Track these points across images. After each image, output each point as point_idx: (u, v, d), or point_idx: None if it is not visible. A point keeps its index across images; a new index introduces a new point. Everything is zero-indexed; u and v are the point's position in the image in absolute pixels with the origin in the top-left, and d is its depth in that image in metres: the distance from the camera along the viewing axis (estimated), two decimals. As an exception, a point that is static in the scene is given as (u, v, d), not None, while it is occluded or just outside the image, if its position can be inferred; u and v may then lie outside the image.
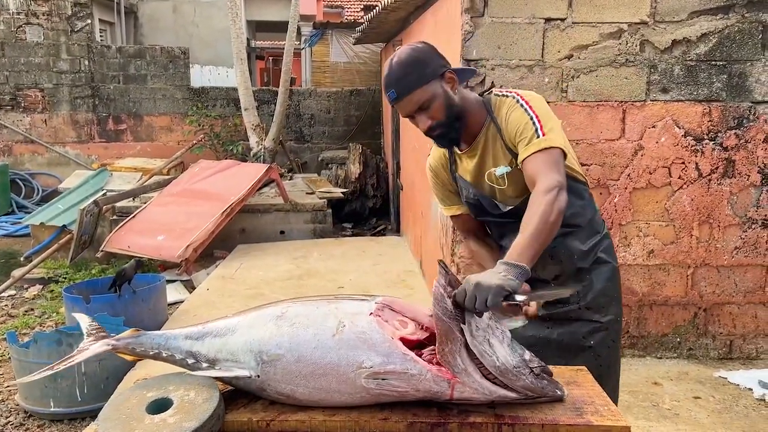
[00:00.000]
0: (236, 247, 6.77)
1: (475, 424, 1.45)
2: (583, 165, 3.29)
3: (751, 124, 3.76)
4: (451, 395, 1.43)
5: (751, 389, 3.58)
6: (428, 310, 1.64)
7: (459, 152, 1.97)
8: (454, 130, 1.84)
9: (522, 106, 1.81)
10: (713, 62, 3.72)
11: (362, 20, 12.92)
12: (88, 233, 6.39)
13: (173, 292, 5.60)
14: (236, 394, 1.55)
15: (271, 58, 22.10)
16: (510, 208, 1.93)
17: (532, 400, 1.48)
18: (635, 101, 3.74)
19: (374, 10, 6.36)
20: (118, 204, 6.97)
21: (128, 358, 1.56)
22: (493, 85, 2.00)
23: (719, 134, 3.77)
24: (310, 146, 10.90)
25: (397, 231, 8.05)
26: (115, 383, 3.53)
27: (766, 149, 3.78)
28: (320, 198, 7.53)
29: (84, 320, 1.64)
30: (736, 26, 3.68)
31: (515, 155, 1.83)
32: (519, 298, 1.44)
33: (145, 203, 6.79)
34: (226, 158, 9.04)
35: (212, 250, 6.71)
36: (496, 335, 1.44)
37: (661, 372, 3.82)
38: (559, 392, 1.49)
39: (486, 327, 1.43)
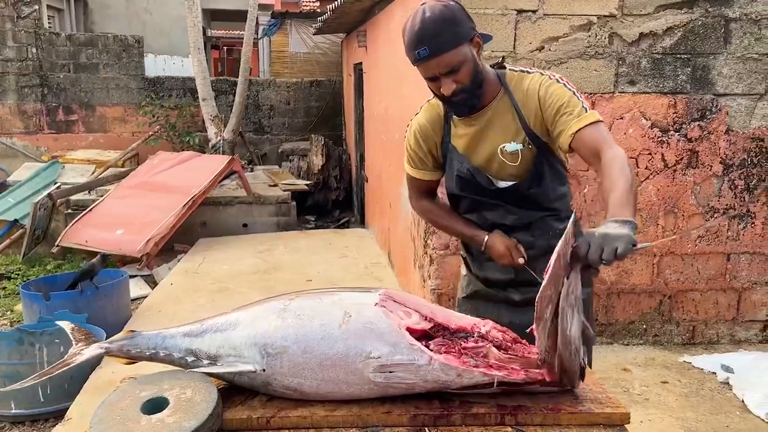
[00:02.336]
0: (198, 240, 6.63)
1: (478, 415, 1.44)
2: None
3: (714, 116, 3.87)
4: (461, 382, 1.42)
5: (714, 373, 3.69)
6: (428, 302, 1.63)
7: (456, 119, 1.91)
8: (476, 96, 1.79)
9: (558, 81, 1.80)
10: (678, 55, 3.80)
11: (319, 10, 12.81)
12: (41, 228, 6.16)
13: (135, 288, 5.43)
14: (231, 392, 1.50)
15: (225, 47, 21.69)
16: (506, 185, 1.90)
17: (538, 389, 1.48)
18: (604, 93, 3.80)
19: (337, 0, 6.28)
20: (73, 197, 6.73)
21: (122, 361, 1.49)
22: (503, 60, 1.97)
23: (684, 126, 3.87)
24: (269, 138, 10.74)
25: (362, 223, 8.01)
26: (80, 383, 3.41)
27: (727, 140, 3.89)
28: (284, 190, 7.43)
29: (67, 326, 1.56)
30: (699, 20, 3.77)
31: (530, 134, 1.82)
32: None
33: (101, 196, 6.57)
34: (182, 150, 8.84)
35: (173, 244, 6.56)
36: (576, 314, 1.40)
37: (629, 358, 3.91)
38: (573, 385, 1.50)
39: (576, 298, 1.39)
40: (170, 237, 5.97)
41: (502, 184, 1.91)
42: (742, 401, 3.38)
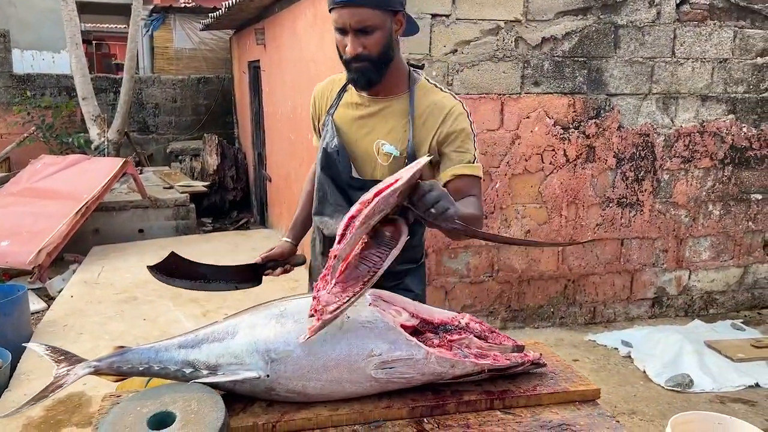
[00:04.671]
0: (92, 249, 6.25)
1: (470, 402, 1.54)
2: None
3: (607, 113, 4.23)
4: (454, 373, 1.51)
5: (617, 348, 4.06)
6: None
7: (351, 95, 1.83)
8: (378, 73, 1.68)
9: (470, 121, 1.75)
10: (576, 58, 4.12)
11: (194, 4, 12.36)
12: None
13: (27, 303, 5.04)
14: (229, 400, 1.49)
15: (94, 42, 20.35)
16: (358, 177, 1.80)
17: (521, 369, 1.60)
18: (512, 94, 4.04)
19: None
20: (-57, 207, 6.08)
21: (110, 379, 1.44)
22: (422, 66, 1.97)
23: (582, 123, 4.20)
24: (155, 137, 10.29)
25: (263, 223, 7.90)
26: (-11, 408, 3.15)
27: (619, 136, 4.28)
28: (181, 192, 7.17)
29: (41, 349, 1.46)
30: (593, 26, 4.12)
31: (411, 147, 1.74)
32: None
33: (-22, 205, 6.00)
34: (63, 152, 8.27)
35: (62, 254, 6.13)
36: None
37: (541, 340, 4.15)
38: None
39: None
40: (62, 246, 5.59)
41: (357, 175, 1.80)
42: (644, 372, 3.75)
